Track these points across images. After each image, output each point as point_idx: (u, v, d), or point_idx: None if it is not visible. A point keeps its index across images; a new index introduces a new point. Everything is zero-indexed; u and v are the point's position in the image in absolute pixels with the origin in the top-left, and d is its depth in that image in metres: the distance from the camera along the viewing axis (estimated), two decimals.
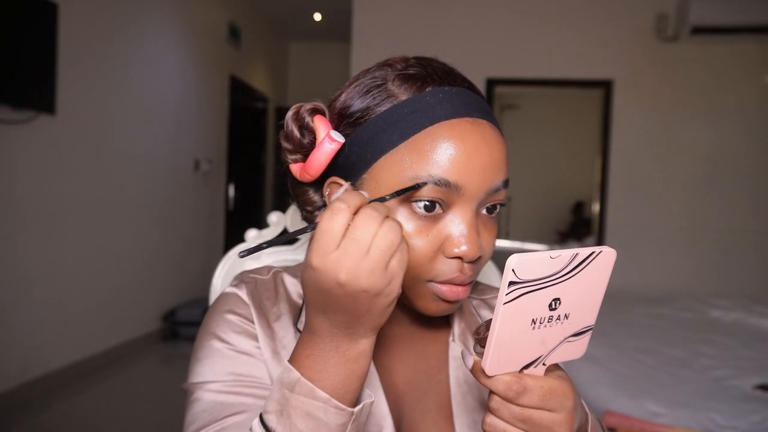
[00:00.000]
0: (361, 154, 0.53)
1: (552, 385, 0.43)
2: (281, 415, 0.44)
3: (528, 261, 0.38)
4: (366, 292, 0.41)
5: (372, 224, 0.41)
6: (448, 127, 0.50)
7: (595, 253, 0.41)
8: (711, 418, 1.48)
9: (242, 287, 0.60)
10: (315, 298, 0.44)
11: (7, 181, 2.46)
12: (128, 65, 3.27)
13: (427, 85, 0.52)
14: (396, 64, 0.55)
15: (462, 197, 0.50)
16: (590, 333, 0.45)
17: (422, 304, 0.54)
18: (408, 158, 0.50)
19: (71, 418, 2.49)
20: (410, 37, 3.82)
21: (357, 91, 0.55)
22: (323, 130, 0.53)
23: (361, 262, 0.41)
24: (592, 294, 0.43)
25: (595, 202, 3.95)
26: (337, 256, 0.41)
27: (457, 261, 0.51)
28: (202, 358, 0.56)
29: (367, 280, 0.41)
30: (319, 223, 0.42)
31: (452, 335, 0.63)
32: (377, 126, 0.52)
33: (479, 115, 0.52)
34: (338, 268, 0.41)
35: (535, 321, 0.41)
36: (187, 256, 4.12)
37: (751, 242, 3.67)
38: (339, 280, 0.41)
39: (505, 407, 0.43)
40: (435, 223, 0.51)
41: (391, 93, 0.52)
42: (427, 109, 0.51)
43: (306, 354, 0.45)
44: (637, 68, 3.69)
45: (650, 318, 2.52)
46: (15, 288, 2.54)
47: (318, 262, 0.41)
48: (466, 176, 0.50)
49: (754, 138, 3.65)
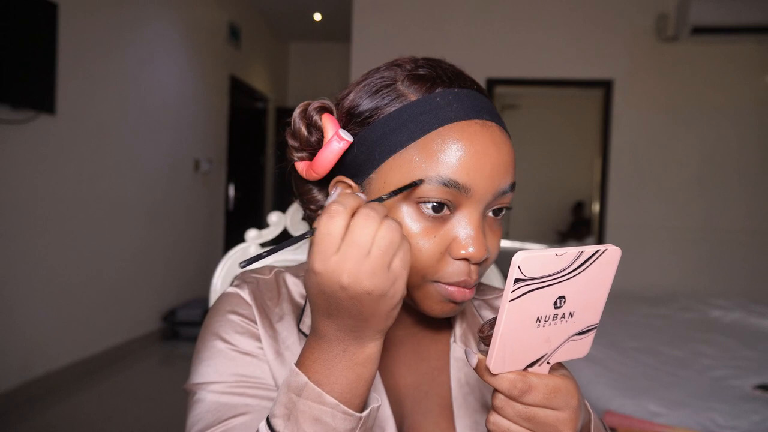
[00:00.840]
0: (369, 154, 0.52)
1: (556, 383, 0.43)
2: (288, 420, 0.44)
3: (534, 258, 0.38)
4: (369, 293, 0.41)
5: (371, 225, 0.41)
6: (458, 128, 0.50)
7: (600, 251, 0.41)
8: (711, 418, 1.48)
9: (244, 287, 0.60)
10: (320, 303, 0.43)
11: (7, 181, 2.46)
12: (128, 65, 3.27)
13: (436, 86, 0.52)
14: (405, 65, 0.55)
15: (470, 199, 0.50)
16: (594, 332, 0.45)
17: (428, 305, 0.54)
18: (417, 158, 0.50)
19: (71, 418, 2.49)
20: (410, 38, 3.82)
21: (366, 91, 0.54)
22: (331, 129, 0.53)
23: (362, 264, 0.40)
24: (596, 292, 0.43)
25: (595, 202, 3.95)
26: (338, 259, 0.40)
27: (464, 262, 0.51)
28: (204, 358, 0.55)
29: (370, 281, 0.40)
30: (318, 227, 0.41)
31: (453, 336, 0.63)
32: (386, 126, 0.52)
33: (488, 118, 0.52)
34: (340, 271, 0.40)
35: (540, 319, 0.41)
36: (187, 256, 4.12)
37: (750, 242, 3.66)
38: (342, 283, 0.40)
39: (509, 405, 0.43)
40: (442, 224, 0.51)
41: (400, 93, 0.52)
42: (437, 110, 0.51)
43: (313, 358, 0.45)
44: (637, 68, 3.69)
45: (650, 318, 2.52)
46: (15, 288, 2.54)
47: (319, 267, 0.41)
48: (475, 178, 0.49)
49: (754, 138, 3.65)
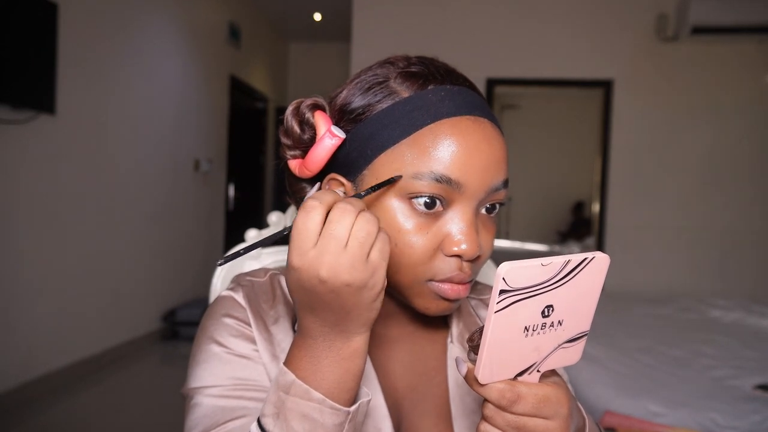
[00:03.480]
0: (361, 151, 0.52)
1: (546, 392, 0.43)
2: (278, 418, 0.44)
3: (519, 269, 0.38)
4: (349, 286, 0.41)
5: (347, 218, 0.41)
6: (450, 124, 0.50)
7: (588, 259, 0.40)
8: (711, 418, 1.48)
9: (238, 290, 0.60)
10: (301, 298, 0.44)
11: (7, 181, 2.46)
12: (128, 65, 3.27)
13: (429, 83, 0.52)
14: (398, 62, 0.55)
15: (462, 195, 0.50)
16: (585, 339, 0.44)
17: (422, 303, 0.53)
18: (409, 155, 0.50)
19: (71, 418, 2.49)
20: (410, 37, 3.82)
21: (358, 88, 0.54)
22: (324, 126, 0.53)
23: (339, 257, 0.41)
24: (585, 300, 0.42)
25: (595, 202, 3.95)
26: (316, 253, 0.41)
27: (456, 259, 0.51)
28: (200, 362, 0.55)
29: (349, 273, 0.41)
30: (294, 222, 0.42)
31: (450, 336, 0.63)
32: (378, 122, 0.52)
33: (481, 114, 0.52)
34: (318, 264, 0.41)
35: (528, 328, 0.41)
36: (187, 256, 4.12)
37: (751, 242, 3.66)
38: (320, 276, 0.41)
39: (499, 415, 0.43)
40: (435, 220, 0.51)
41: (392, 90, 0.52)
42: (429, 107, 0.51)
43: (300, 355, 0.45)
44: (637, 68, 3.69)
45: (650, 318, 2.52)
46: (15, 288, 2.54)
47: (297, 262, 0.41)
48: (468, 174, 0.49)
49: (754, 138, 3.65)
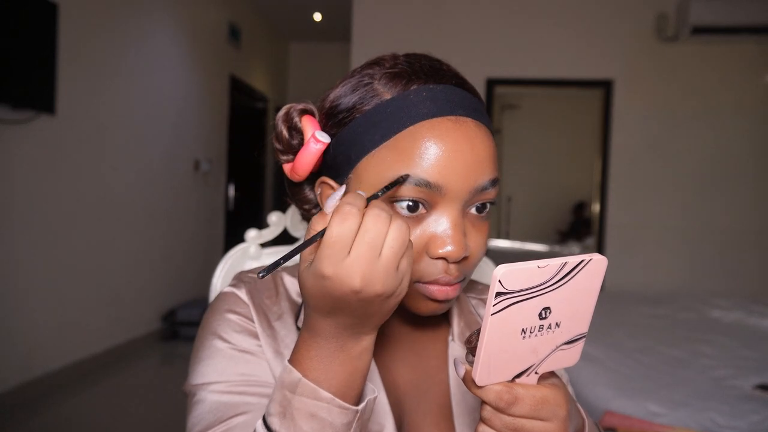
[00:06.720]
0: (346, 154, 0.52)
1: (544, 394, 0.43)
2: (284, 417, 0.43)
3: (515, 272, 0.37)
4: (380, 295, 0.40)
5: (383, 225, 0.40)
6: (428, 126, 0.49)
7: (585, 261, 0.40)
8: (711, 418, 1.47)
9: (241, 287, 0.60)
10: (322, 304, 0.42)
11: (7, 181, 2.46)
12: (128, 65, 3.27)
13: (412, 83, 0.51)
14: (385, 62, 0.54)
15: (445, 197, 0.49)
16: (583, 340, 0.44)
17: (413, 305, 0.53)
18: (390, 158, 0.49)
19: (71, 418, 2.49)
20: (410, 37, 3.82)
21: (345, 90, 0.54)
22: (310, 131, 0.53)
23: (375, 266, 0.39)
24: (583, 302, 0.42)
25: (596, 202, 3.95)
26: (351, 261, 0.39)
27: (443, 261, 0.50)
28: (203, 357, 0.55)
29: (382, 284, 0.40)
30: (329, 228, 0.39)
31: (451, 334, 0.63)
32: (361, 126, 0.51)
33: (463, 113, 0.51)
34: (352, 274, 0.39)
35: (525, 330, 0.40)
36: (187, 256, 4.12)
37: (751, 242, 3.67)
38: (354, 287, 0.39)
39: (496, 417, 0.43)
40: (419, 223, 0.50)
41: (376, 92, 0.52)
42: (409, 108, 0.50)
43: (309, 355, 0.45)
44: (637, 68, 3.69)
45: (650, 318, 2.52)
46: (15, 288, 2.54)
47: (330, 271, 0.39)
48: (448, 176, 0.49)
49: (754, 138, 3.65)
